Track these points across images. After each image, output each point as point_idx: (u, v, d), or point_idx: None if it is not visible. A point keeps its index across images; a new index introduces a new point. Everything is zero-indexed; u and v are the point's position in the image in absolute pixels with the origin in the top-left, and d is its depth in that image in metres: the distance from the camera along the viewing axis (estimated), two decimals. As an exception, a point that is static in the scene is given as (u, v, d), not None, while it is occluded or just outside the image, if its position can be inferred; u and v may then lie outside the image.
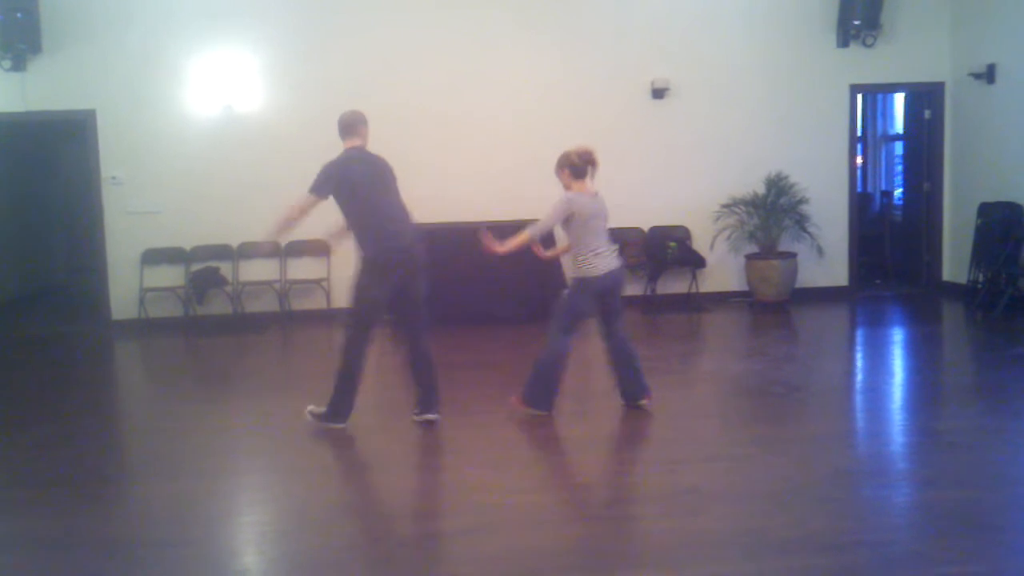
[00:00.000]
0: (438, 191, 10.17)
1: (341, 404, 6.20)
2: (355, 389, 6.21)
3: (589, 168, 6.32)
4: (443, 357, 6.59)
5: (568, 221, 6.24)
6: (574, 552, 4.40)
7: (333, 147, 6.32)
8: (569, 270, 6.78)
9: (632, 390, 6.48)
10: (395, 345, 6.34)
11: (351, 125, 6.24)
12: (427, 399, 6.32)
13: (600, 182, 6.52)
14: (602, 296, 6.29)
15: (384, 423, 6.66)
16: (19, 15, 9.75)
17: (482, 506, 4.89)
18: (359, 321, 6.17)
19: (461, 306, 9.64)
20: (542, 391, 6.34)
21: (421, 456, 6.07)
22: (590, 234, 6.23)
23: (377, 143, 6.41)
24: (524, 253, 6.50)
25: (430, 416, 6.30)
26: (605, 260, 6.23)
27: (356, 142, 6.22)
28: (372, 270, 6.10)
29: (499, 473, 5.45)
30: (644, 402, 6.48)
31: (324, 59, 10.49)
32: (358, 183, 6.07)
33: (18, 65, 10.00)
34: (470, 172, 10.49)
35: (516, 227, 6.57)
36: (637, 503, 4.95)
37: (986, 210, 10.40)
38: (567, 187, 6.32)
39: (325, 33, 10.54)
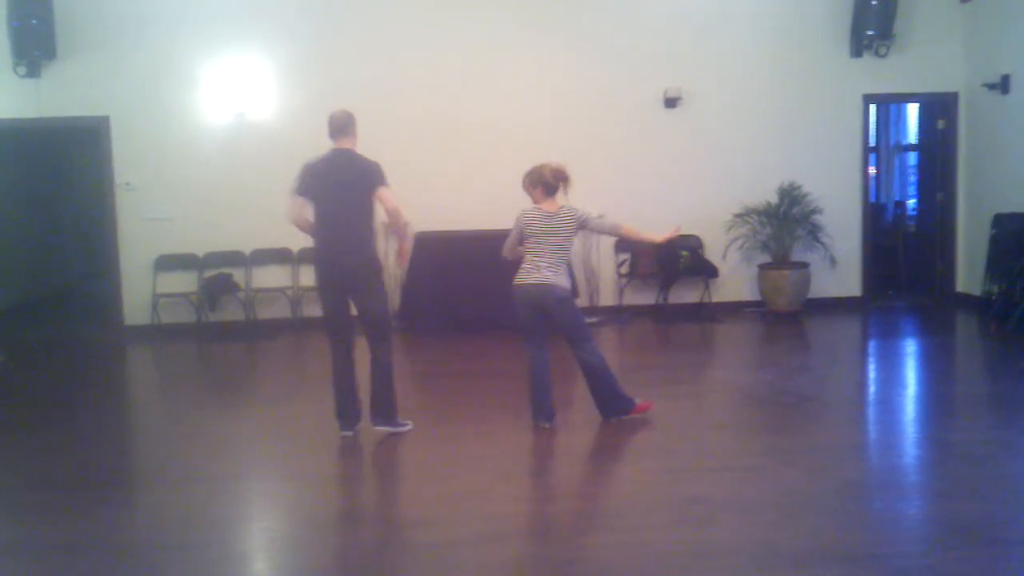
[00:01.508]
0: (446, 199, 10.21)
1: (337, 408, 6.28)
2: (338, 397, 6.26)
3: (561, 185, 6.33)
4: (449, 366, 6.60)
5: (521, 233, 6.36)
6: (583, 562, 4.38)
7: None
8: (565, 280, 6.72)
9: (615, 404, 6.43)
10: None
11: (341, 127, 6.19)
12: (377, 409, 6.27)
13: (612, 190, 6.54)
14: (528, 309, 6.27)
15: (391, 432, 6.64)
16: (34, 22, 9.80)
17: (490, 515, 4.88)
18: (324, 328, 6.33)
19: (468, 314, 9.64)
20: (536, 404, 6.39)
21: (429, 465, 6.06)
22: (532, 247, 6.28)
23: (387, 150, 6.43)
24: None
25: (383, 427, 6.26)
26: (529, 273, 6.24)
27: (345, 144, 6.18)
28: (316, 274, 6.30)
29: (508, 482, 5.44)
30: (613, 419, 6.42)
31: (336, 66, 10.51)
32: (314, 185, 6.09)
33: (33, 72, 10.04)
34: (480, 180, 10.49)
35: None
36: (646, 513, 4.92)
37: (1000, 221, 10.34)
38: (535, 201, 6.36)
39: (337, 41, 10.57)
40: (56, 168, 14.11)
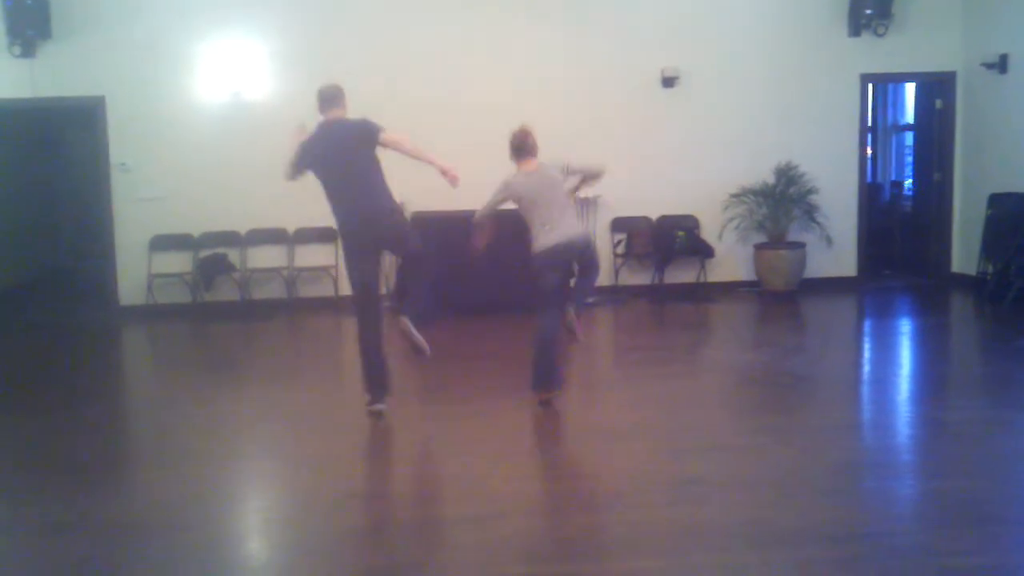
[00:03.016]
0: (442, 180, 10.14)
1: (365, 383, 6.24)
2: (367, 370, 6.21)
3: (526, 145, 6.30)
4: (448, 347, 6.60)
5: (517, 203, 6.30)
6: (579, 540, 4.40)
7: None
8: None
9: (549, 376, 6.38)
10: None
11: (330, 98, 6.19)
12: (371, 387, 6.24)
13: (608, 170, 6.50)
14: (561, 268, 6.25)
15: (389, 411, 6.65)
16: (28, 1, 9.77)
17: (487, 494, 4.90)
18: (352, 301, 6.34)
19: (464, 296, 9.63)
20: (542, 374, 6.27)
21: (427, 444, 6.08)
22: (533, 213, 6.24)
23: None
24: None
25: (375, 407, 6.21)
26: (554, 233, 6.16)
27: (335, 114, 6.18)
28: (344, 243, 6.28)
29: (505, 461, 5.45)
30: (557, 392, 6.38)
31: (332, 46, 10.46)
32: (314, 162, 6.12)
33: (28, 51, 10.00)
34: (476, 161, 10.36)
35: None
36: (642, 492, 4.94)
37: (997, 201, 10.35)
38: (518, 168, 6.36)
39: (333, 20, 10.52)
40: (51, 148, 14.05)
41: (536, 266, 6.21)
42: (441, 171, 6.09)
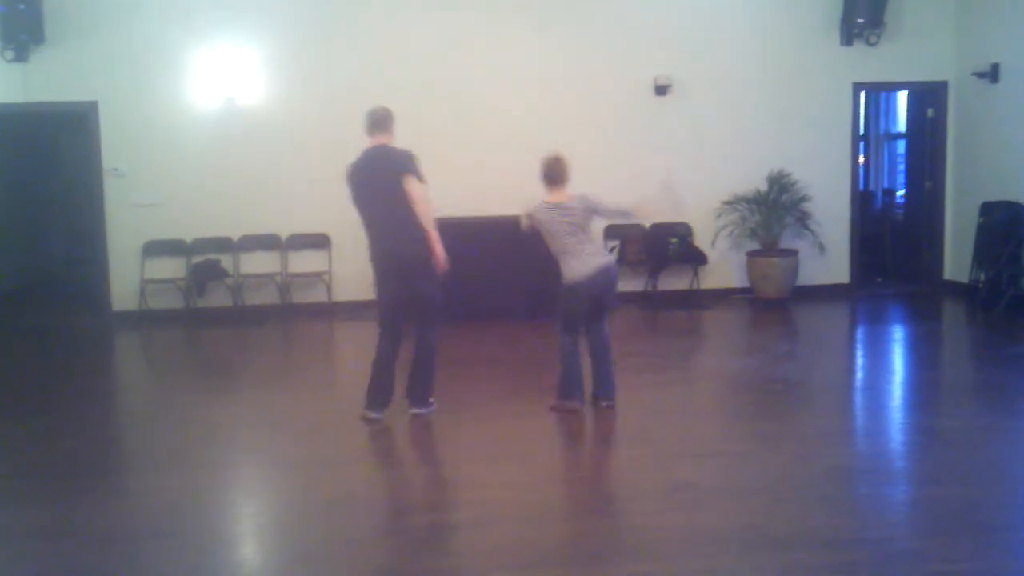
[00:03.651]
0: (439, 185, 10.13)
1: (368, 391, 6.29)
2: (373, 381, 6.27)
3: (559, 175, 6.32)
4: (445, 353, 6.59)
5: (541, 229, 6.37)
6: (572, 546, 4.40)
7: (335, 140, 6.38)
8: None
9: (596, 387, 6.49)
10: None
11: (377, 122, 6.26)
12: (413, 391, 6.39)
13: (601, 178, 6.55)
14: (590, 299, 6.31)
15: (387, 417, 6.64)
16: (22, 6, 9.71)
17: (481, 500, 4.90)
18: (378, 322, 6.39)
19: (464, 301, 9.60)
20: (564, 386, 6.41)
21: (421, 450, 6.08)
22: (557, 242, 6.30)
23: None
24: (528, 248, 6.51)
25: (369, 414, 6.31)
26: (582, 264, 6.23)
27: (380, 139, 6.24)
28: (376, 272, 6.33)
29: (498, 468, 5.45)
30: (604, 404, 6.45)
31: (326, 52, 10.47)
32: (355, 189, 6.22)
33: (20, 56, 9.97)
34: (471, 166, 10.45)
35: (517, 222, 6.56)
36: (635, 498, 4.94)
37: (988, 209, 10.39)
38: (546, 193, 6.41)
39: (328, 26, 10.51)
40: (44, 154, 14.01)
41: (565, 293, 6.33)
42: (431, 251, 6.16)
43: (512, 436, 6.12)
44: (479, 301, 9.60)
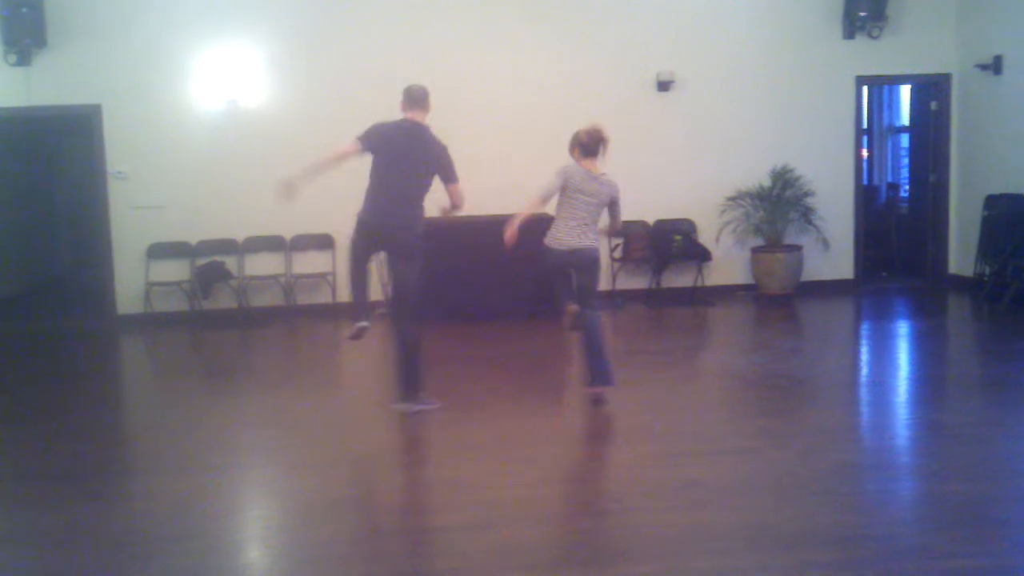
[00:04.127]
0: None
1: (353, 306, 6.39)
2: (355, 292, 6.39)
3: (599, 147, 6.36)
4: (445, 352, 6.61)
5: (560, 192, 6.34)
6: (577, 546, 4.40)
7: (337, 141, 6.35)
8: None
9: (589, 373, 6.47)
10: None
11: (416, 98, 6.33)
12: (404, 386, 6.37)
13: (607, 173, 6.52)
14: (560, 270, 6.35)
15: (387, 417, 6.64)
16: (24, 10, 9.75)
17: (484, 500, 4.90)
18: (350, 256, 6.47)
19: (463, 301, 9.62)
20: (591, 368, 6.41)
21: (423, 451, 6.08)
22: (566, 207, 6.32)
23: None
24: (528, 248, 6.49)
25: (401, 406, 6.34)
26: (565, 235, 6.29)
27: (417, 116, 6.31)
28: (357, 227, 6.28)
29: (501, 467, 5.45)
30: (589, 390, 6.44)
31: (329, 54, 10.48)
32: (382, 147, 6.18)
33: (23, 60, 10.00)
34: (472, 164, 10.39)
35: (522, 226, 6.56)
36: (640, 496, 4.94)
37: (993, 202, 10.37)
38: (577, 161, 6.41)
39: (330, 28, 10.52)
40: (47, 157, 14.04)
41: (542, 257, 6.40)
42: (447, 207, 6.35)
43: (516, 435, 6.11)
44: (479, 301, 9.59)
